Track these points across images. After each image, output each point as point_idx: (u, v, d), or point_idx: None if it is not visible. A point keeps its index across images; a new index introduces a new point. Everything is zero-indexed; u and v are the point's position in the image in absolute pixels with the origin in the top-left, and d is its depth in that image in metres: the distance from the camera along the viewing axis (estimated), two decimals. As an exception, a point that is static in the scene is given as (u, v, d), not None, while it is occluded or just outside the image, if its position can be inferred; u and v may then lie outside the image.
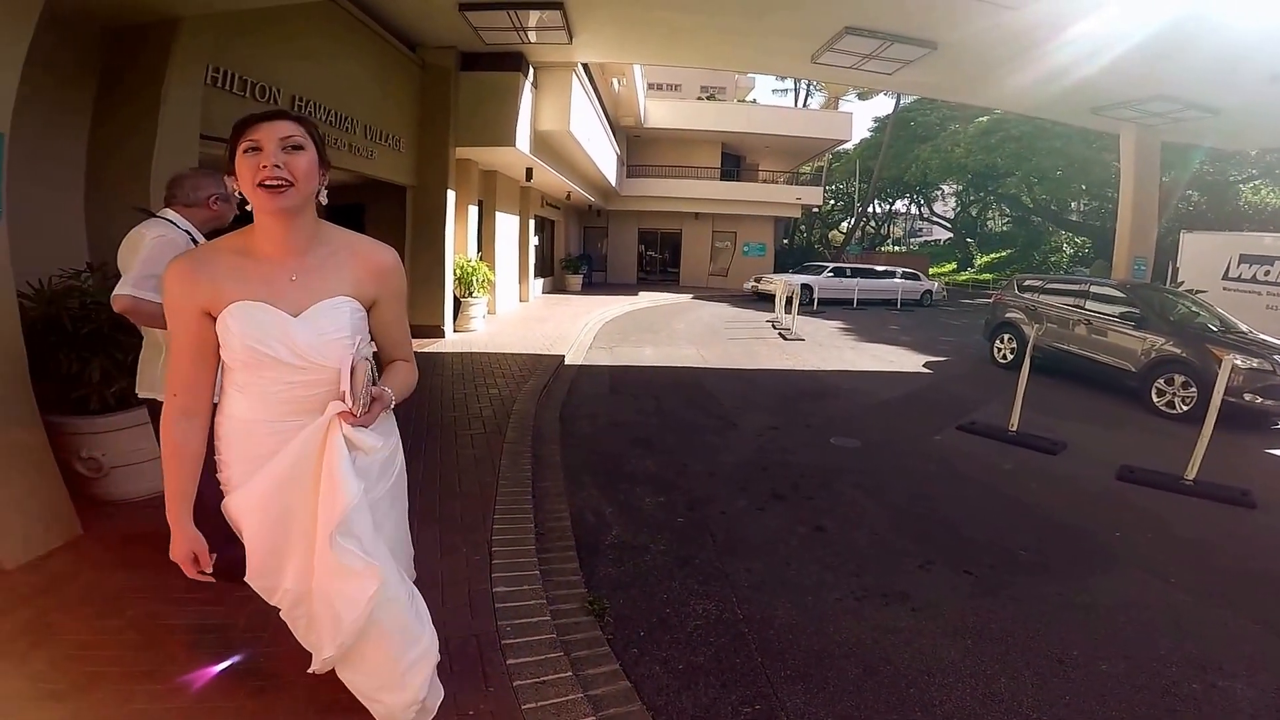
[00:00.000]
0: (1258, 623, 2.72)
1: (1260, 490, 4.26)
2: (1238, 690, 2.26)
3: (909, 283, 19.67)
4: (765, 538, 3.32)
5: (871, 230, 39.00)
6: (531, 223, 14.08)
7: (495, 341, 8.57)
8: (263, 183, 1.24)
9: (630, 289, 19.78)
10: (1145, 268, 10.12)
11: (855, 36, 6.88)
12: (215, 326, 1.31)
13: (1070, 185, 24.27)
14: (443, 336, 8.46)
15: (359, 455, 1.40)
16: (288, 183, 1.25)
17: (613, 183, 17.63)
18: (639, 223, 22.84)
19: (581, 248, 22.11)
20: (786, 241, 31.37)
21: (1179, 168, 18.15)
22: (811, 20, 6.79)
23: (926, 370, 8.76)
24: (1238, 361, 5.69)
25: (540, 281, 16.24)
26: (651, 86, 22.46)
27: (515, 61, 8.48)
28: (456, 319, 9.00)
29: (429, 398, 5.36)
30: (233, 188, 1.30)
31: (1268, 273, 9.73)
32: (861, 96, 30.01)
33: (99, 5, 3.58)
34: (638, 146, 22.10)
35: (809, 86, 31.31)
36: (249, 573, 1.44)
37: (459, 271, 9.01)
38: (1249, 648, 2.53)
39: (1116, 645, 2.50)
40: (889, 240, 43.75)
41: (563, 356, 7.73)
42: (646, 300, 16.52)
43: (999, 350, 9.15)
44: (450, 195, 8.47)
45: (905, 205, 40.29)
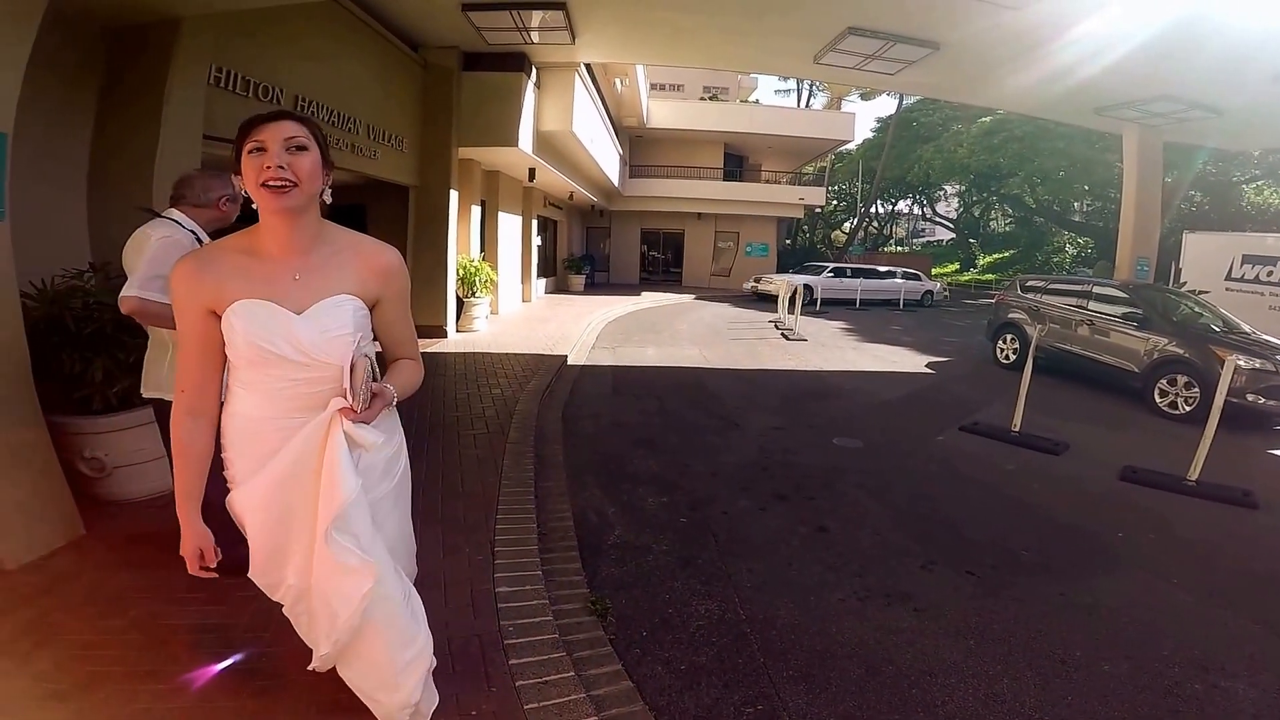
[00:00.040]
0: (1260, 623, 2.71)
1: (1263, 491, 4.25)
2: (1240, 691, 2.26)
3: (911, 283, 19.63)
4: (768, 538, 3.32)
5: (874, 230, 38.95)
6: (534, 223, 14.09)
7: (498, 341, 8.57)
8: (267, 183, 1.25)
9: (633, 289, 19.78)
10: (1148, 268, 10.10)
11: (857, 37, 6.89)
12: (220, 325, 1.33)
13: (1073, 186, 24.25)
14: (445, 336, 8.47)
15: (361, 453, 1.41)
16: (291, 183, 1.27)
17: (615, 183, 17.63)
18: (642, 223, 22.83)
19: (584, 248, 22.10)
20: (789, 242, 31.40)
21: (1182, 168, 18.15)
22: (814, 21, 6.80)
23: (929, 371, 8.74)
24: (1240, 362, 5.69)
25: (543, 282, 16.24)
26: (654, 87, 22.44)
27: (518, 62, 8.48)
28: (459, 319, 9.02)
29: (432, 398, 5.37)
30: (240, 188, 1.31)
31: (1270, 273, 9.71)
32: (864, 97, 30.06)
33: (100, 5, 3.58)
34: (640, 147, 22.09)
35: (812, 87, 31.38)
36: (252, 569, 1.45)
37: (461, 271, 9.02)
38: (1251, 648, 2.53)
39: (1119, 646, 2.49)
40: (892, 240, 43.73)
41: (565, 357, 7.72)
42: (649, 300, 16.52)
43: (1001, 351, 9.13)
44: (453, 195, 8.48)
45: (908, 205, 40.30)
